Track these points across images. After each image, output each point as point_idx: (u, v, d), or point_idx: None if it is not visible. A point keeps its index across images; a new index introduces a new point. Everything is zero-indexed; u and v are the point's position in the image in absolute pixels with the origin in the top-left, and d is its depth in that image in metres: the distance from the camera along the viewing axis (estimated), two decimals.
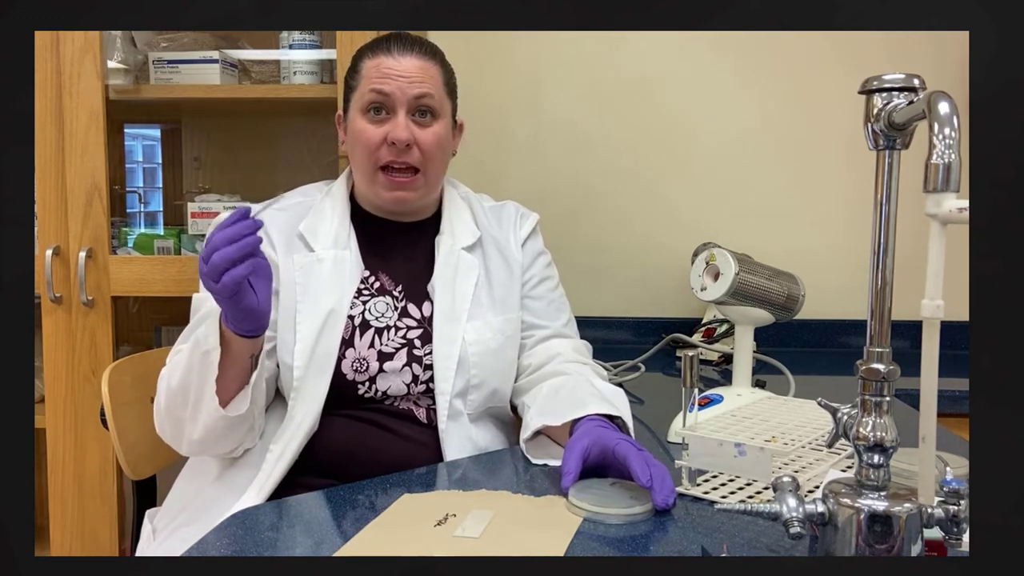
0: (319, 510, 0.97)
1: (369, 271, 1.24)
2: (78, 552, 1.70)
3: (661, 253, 2.09)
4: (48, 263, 1.64)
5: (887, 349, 0.74)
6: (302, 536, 0.90)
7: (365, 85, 1.21)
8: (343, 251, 1.23)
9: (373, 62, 1.21)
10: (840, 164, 2.06)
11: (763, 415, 1.12)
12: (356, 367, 1.18)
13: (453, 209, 1.31)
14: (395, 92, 1.19)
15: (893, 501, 0.73)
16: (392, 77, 1.19)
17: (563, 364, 1.26)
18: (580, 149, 2.09)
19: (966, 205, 0.63)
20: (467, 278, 1.25)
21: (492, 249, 1.31)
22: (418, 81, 1.20)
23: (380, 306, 1.22)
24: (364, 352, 1.19)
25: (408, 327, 1.22)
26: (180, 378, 1.09)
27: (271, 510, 0.97)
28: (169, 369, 1.13)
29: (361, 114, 1.21)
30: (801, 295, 1.32)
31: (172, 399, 1.11)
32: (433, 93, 1.21)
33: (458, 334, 1.21)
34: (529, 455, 1.12)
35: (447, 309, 1.23)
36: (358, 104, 1.22)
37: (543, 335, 1.31)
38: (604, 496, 0.93)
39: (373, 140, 1.20)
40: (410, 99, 1.20)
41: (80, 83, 1.62)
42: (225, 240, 0.96)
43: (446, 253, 1.26)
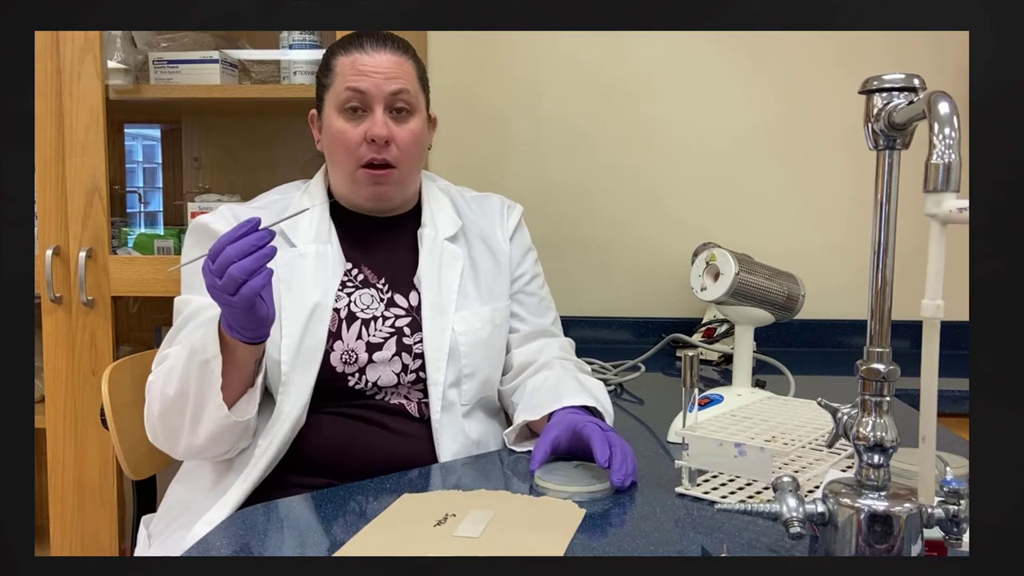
0: (318, 510, 0.97)
1: (352, 264, 1.25)
2: (78, 552, 1.70)
3: (661, 253, 2.09)
4: (48, 263, 1.64)
5: (887, 349, 0.74)
6: (302, 536, 0.90)
7: (340, 83, 1.19)
8: (324, 245, 1.23)
9: (347, 59, 1.20)
10: (840, 164, 2.06)
11: (763, 415, 1.12)
12: (345, 359, 1.18)
13: (433, 201, 1.31)
14: (371, 89, 1.18)
15: (893, 501, 0.73)
16: (367, 74, 1.18)
17: (548, 361, 1.29)
18: (580, 149, 2.09)
19: (966, 205, 0.63)
20: (452, 268, 1.26)
21: (476, 239, 1.31)
22: (393, 77, 1.19)
23: (365, 298, 1.22)
24: (352, 343, 1.19)
25: (396, 316, 1.23)
26: (177, 386, 1.08)
27: (271, 510, 0.97)
28: (162, 377, 1.12)
29: (338, 112, 1.20)
30: (801, 295, 1.32)
31: (167, 407, 1.10)
32: (409, 88, 1.21)
33: (447, 324, 1.22)
34: (511, 445, 1.20)
35: (434, 300, 1.23)
36: (333, 103, 1.21)
37: (531, 333, 1.33)
38: (567, 476, 1.01)
39: (353, 139, 1.19)
40: (387, 95, 1.19)
41: (80, 83, 1.62)
42: (240, 252, 0.95)
43: (429, 244, 1.26)
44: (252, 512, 0.96)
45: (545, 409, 1.15)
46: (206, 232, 1.22)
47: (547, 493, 0.99)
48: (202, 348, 1.05)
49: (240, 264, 0.95)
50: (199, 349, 1.06)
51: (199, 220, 1.24)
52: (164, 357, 1.16)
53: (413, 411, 1.21)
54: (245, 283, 0.95)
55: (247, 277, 0.95)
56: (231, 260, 0.95)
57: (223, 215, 1.24)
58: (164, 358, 1.16)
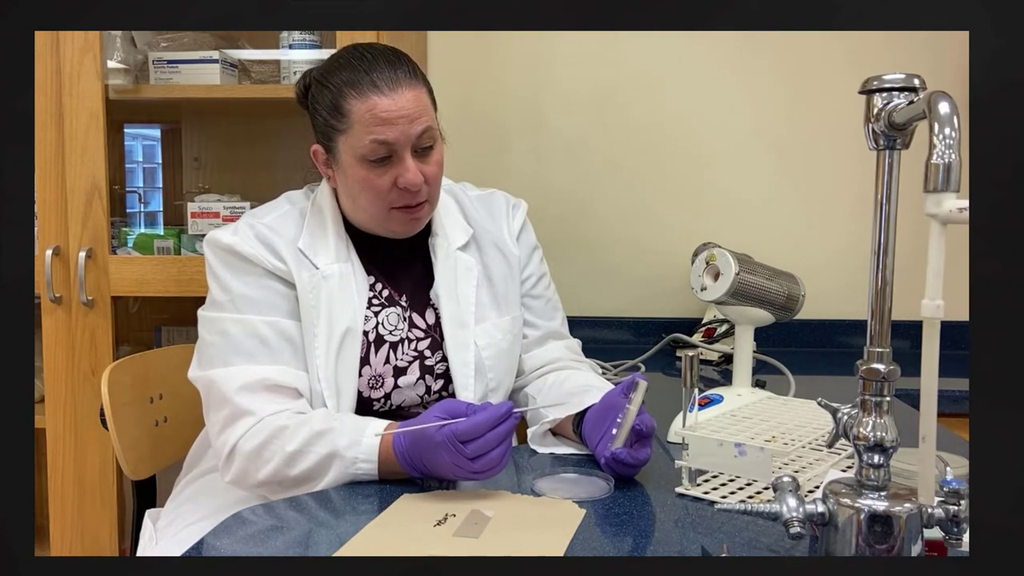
0: (319, 510, 0.97)
1: (374, 279, 1.23)
2: (78, 552, 1.69)
3: (661, 253, 2.09)
4: (48, 263, 1.64)
5: (887, 349, 0.74)
6: (302, 536, 0.90)
7: (362, 133, 1.10)
8: (345, 264, 1.19)
9: (363, 106, 1.10)
10: (840, 164, 2.05)
11: (763, 415, 1.12)
12: (372, 383, 1.18)
13: (441, 207, 1.28)
14: (399, 138, 1.11)
15: (893, 501, 0.73)
16: (392, 122, 1.10)
17: (562, 364, 1.30)
18: (580, 149, 2.09)
19: (966, 205, 0.63)
20: (467, 280, 1.24)
21: (488, 244, 1.30)
22: (416, 117, 1.11)
23: (392, 318, 1.21)
24: (380, 368, 1.18)
25: (417, 338, 1.22)
26: (299, 471, 1.04)
27: (271, 510, 0.97)
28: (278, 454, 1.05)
29: (359, 162, 1.13)
30: (801, 295, 1.32)
31: (282, 477, 1.05)
32: (431, 124, 1.14)
33: (469, 339, 1.21)
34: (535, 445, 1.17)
35: (453, 314, 1.22)
36: (354, 151, 1.12)
37: (541, 336, 1.33)
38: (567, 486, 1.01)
39: (382, 188, 1.13)
40: (413, 140, 1.12)
41: (80, 83, 1.62)
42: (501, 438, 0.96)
43: (443, 257, 1.24)
44: (252, 512, 0.96)
45: (583, 403, 1.12)
46: (235, 254, 1.16)
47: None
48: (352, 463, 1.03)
49: (501, 448, 0.96)
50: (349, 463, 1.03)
51: (222, 241, 1.17)
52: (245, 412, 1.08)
53: None
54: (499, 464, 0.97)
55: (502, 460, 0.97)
56: (493, 446, 0.96)
57: (246, 235, 1.17)
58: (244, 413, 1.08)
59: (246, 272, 1.15)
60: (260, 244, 1.17)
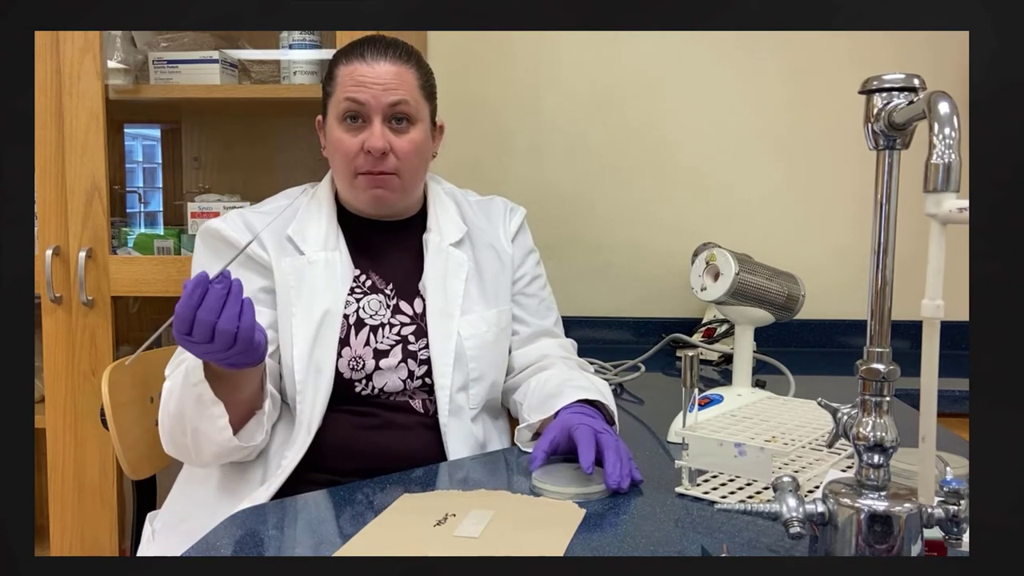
0: (319, 510, 0.97)
1: (360, 270, 1.25)
2: (78, 552, 1.69)
3: (661, 253, 2.09)
4: (48, 263, 1.64)
5: (887, 349, 0.74)
6: (302, 536, 0.90)
7: (340, 93, 1.19)
8: (333, 252, 1.23)
9: (347, 69, 1.19)
10: (840, 164, 2.06)
11: (763, 415, 1.12)
12: (353, 365, 1.19)
13: (438, 205, 1.31)
14: (369, 101, 1.17)
15: (893, 501, 0.73)
16: (366, 85, 1.17)
17: (550, 361, 1.30)
18: (580, 149, 2.09)
19: (966, 205, 0.63)
20: (457, 275, 1.26)
21: (481, 243, 1.31)
22: (392, 88, 1.18)
23: (374, 304, 1.22)
24: (360, 350, 1.19)
25: (401, 324, 1.23)
26: (175, 407, 1.07)
27: (271, 510, 0.97)
28: (167, 391, 1.11)
29: (338, 122, 1.20)
30: (801, 295, 1.32)
31: (172, 424, 1.09)
32: (408, 99, 1.19)
33: (452, 329, 1.23)
34: (522, 445, 1.19)
35: (439, 305, 1.23)
36: (334, 111, 1.20)
37: (533, 334, 1.34)
38: (565, 478, 1.01)
39: (351, 149, 1.19)
40: (384, 107, 1.18)
41: (80, 83, 1.62)
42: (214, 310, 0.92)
43: (435, 251, 1.26)
44: (252, 512, 0.96)
45: (552, 408, 1.15)
46: (219, 238, 1.21)
47: (544, 495, 0.99)
48: (192, 370, 1.04)
49: (226, 315, 0.92)
50: (191, 371, 1.04)
51: (211, 226, 1.22)
52: (178, 363, 1.15)
53: (418, 407, 1.22)
54: (240, 328, 0.93)
55: (239, 323, 0.93)
56: (213, 320, 0.92)
57: (234, 221, 1.23)
58: (177, 364, 1.15)
59: (227, 256, 1.17)
60: (246, 230, 1.21)
